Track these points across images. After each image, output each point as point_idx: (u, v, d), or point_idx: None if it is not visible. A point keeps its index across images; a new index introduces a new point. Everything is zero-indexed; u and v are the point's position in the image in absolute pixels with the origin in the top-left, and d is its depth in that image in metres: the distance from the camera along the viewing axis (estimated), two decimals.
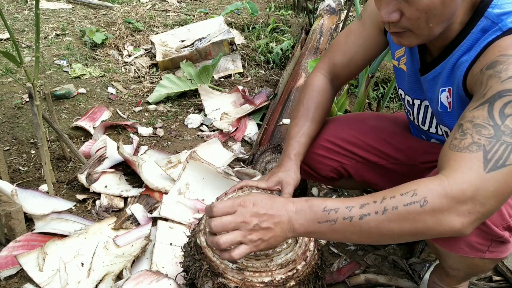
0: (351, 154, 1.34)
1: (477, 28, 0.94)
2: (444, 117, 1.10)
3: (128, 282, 1.21)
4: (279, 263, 1.02)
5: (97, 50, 3.02)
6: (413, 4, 0.88)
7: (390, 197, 0.79)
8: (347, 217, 0.81)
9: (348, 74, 1.32)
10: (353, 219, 0.81)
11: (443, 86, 1.05)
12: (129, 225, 1.56)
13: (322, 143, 1.33)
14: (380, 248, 1.57)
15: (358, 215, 0.81)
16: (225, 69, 2.86)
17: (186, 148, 2.09)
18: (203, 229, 1.09)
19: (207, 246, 1.06)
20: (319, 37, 2.81)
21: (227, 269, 1.01)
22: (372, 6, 1.23)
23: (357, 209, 0.81)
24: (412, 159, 1.31)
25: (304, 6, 3.69)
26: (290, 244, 1.05)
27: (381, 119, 1.43)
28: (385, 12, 0.92)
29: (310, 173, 1.38)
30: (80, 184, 1.75)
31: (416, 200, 0.77)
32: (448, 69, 1.02)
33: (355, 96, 2.48)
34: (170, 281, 1.20)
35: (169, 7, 3.87)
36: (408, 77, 1.20)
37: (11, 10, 3.53)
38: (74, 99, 2.43)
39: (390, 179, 1.35)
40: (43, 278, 1.32)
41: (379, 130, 1.36)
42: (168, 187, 1.70)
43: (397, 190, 0.81)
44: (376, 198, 0.81)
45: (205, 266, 1.03)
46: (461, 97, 1.00)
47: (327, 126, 1.37)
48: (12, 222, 1.43)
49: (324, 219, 0.83)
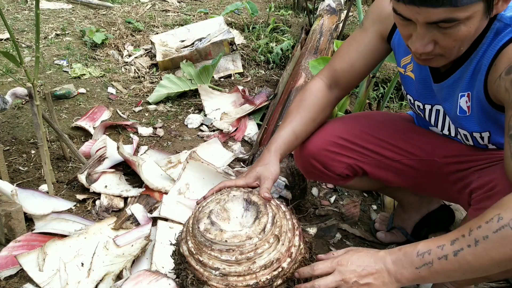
0: (366, 150, 1.32)
1: (491, 32, 0.95)
2: (463, 121, 1.10)
3: (127, 282, 1.21)
4: (262, 264, 1.00)
5: (97, 50, 3.02)
6: (451, 36, 0.90)
7: (477, 227, 0.80)
8: (442, 256, 0.83)
9: (349, 80, 1.30)
10: (448, 257, 0.82)
11: (462, 91, 1.06)
12: (129, 225, 1.56)
13: (334, 140, 1.31)
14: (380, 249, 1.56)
15: (452, 252, 0.82)
16: (225, 69, 2.86)
17: (186, 148, 2.09)
18: (184, 238, 1.08)
19: (189, 255, 1.04)
20: (319, 37, 2.81)
21: (211, 277, 0.99)
22: (374, 13, 1.22)
23: (449, 246, 0.83)
24: (431, 154, 1.27)
25: (304, 6, 3.69)
26: (272, 243, 1.02)
27: (390, 116, 1.43)
28: (420, 45, 0.93)
29: (323, 172, 1.34)
30: (80, 184, 1.75)
31: (504, 224, 0.78)
32: (469, 75, 1.02)
33: (355, 96, 2.48)
34: (169, 281, 1.20)
35: (169, 7, 3.87)
36: (417, 84, 1.20)
37: (11, 10, 3.53)
38: (74, 99, 2.43)
39: (407, 176, 1.32)
40: (43, 278, 1.32)
41: (392, 126, 1.34)
42: (168, 187, 1.70)
43: (481, 219, 0.81)
44: (463, 232, 0.82)
45: (190, 275, 1.02)
46: (481, 101, 1.01)
47: (336, 124, 1.35)
48: (12, 222, 1.43)
49: (420, 264, 0.85)
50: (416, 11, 0.88)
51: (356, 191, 1.91)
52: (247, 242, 1.00)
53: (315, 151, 1.32)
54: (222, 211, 1.09)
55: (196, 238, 1.04)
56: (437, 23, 0.88)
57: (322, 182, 1.88)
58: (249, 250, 1.00)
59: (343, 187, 1.86)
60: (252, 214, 1.08)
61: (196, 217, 1.08)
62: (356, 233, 1.65)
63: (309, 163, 1.34)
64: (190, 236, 1.06)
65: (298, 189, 1.68)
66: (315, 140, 1.32)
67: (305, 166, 1.38)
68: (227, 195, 1.14)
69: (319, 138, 1.32)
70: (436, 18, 0.87)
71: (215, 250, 1.01)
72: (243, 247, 1.00)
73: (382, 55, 1.26)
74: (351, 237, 1.65)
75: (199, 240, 1.03)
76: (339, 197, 1.86)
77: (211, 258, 1.00)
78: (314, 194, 1.85)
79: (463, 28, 0.88)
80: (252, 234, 1.02)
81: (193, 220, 1.09)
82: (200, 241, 1.03)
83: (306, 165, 1.36)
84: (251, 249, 1.00)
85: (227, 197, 1.13)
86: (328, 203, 1.81)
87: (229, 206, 1.11)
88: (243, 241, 1.00)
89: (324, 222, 1.68)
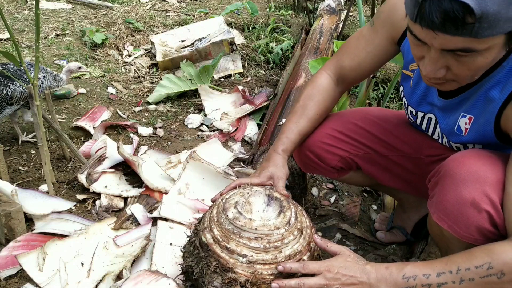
0: (359, 143, 1.33)
1: (508, 62, 0.91)
2: (457, 138, 1.10)
3: (127, 282, 1.21)
4: (287, 254, 1.04)
5: (97, 50, 3.02)
6: (465, 64, 0.86)
7: (465, 269, 0.86)
8: (425, 285, 0.89)
9: (355, 78, 1.31)
10: (431, 287, 0.88)
11: (465, 112, 1.04)
12: (129, 225, 1.56)
13: (329, 132, 1.33)
14: (380, 248, 1.57)
15: (436, 283, 0.88)
16: (225, 69, 2.86)
17: (186, 148, 2.09)
18: (208, 227, 1.10)
19: (214, 242, 1.06)
20: (319, 37, 2.81)
21: (237, 264, 1.02)
22: (386, 14, 1.19)
23: (434, 277, 0.88)
24: (417, 152, 1.29)
25: (304, 6, 3.69)
26: (296, 235, 1.07)
27: (385, 112, 1.43)
28: (432, 70, 0.89)
29: (317, 164, 1.36)
30: (80, 184, 1.75)
31: (492, 273, 0.84)
32: (475, 99, 1.00)
33: (355, 96, 2.48)
34: (169, 281, 1.20)
35: (169, 7, 3.87)
36: (415, 90, 1.19)
37: (11, 10, 3.53)
38: (74, 99, 2.43)
39: (393, 173, 1.34)
40: (43, 278, 1.32)
41: (384, 122, 1.35)
42: (168, 187, 1.70)
43: (470, 261, 0.86)
44: (450, 268, 0.88)
45: (214, 263, 1.03)
46: (485, 132, 0.99)
47: (332, 118, 1.37)
48: (12, 222, 1.43)
49: (404, 286, 0.91)
50: (432, 36, 0.83)
51: (356, 191, 1.91)
52: (275, 232, 1.04)
53: (311, 143, 1.34)
54: (246, 204, 1.12)
55: (223, 226, 1.07)
56: (454, 51, 0.84)
57: (319, 175, 1.88)
58: (276, 240, 1.04)
59: (340, 181, 1.86)
60: (274, 209, 1.12)
61: (222, 206, 1.11)
62: (356, 233, 1.65)
63: (305, 155, 1.36)
64: (215, 225, 1.08)
65: (298, 189, 1.68)
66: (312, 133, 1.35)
67: (301, 157, 1.40)
68: (250, 190, 1.17)
69: (315, 130, 1.35)
70: (453, 46, 0.83)
71: (243, 237, 1.04)
72: (271, 236, 1.04)
73: (390, 56, 1.25)
74: (351, 237, 1.65)
75: (226, 228, 1.06)
76: (339, 197, 1.86)
77: (239, 245, 1.03)
78: (314, 194, 1.85)
79: (479, 58, 0.84)
80: (280, 225, 1.06)
81: (217, 209, 1.12)
82: (228, 229, 1.06)
83: (302, 157, 1.39)
84: (279, 238, 1.04)
85: (250, 191, 1.16)
86: (328, 203, 1.81)
87: (252, 200, 1.14)
88: (271, 230, 1.04)
89: (324, 222, 1.68)
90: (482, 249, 0.88)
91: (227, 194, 1.17)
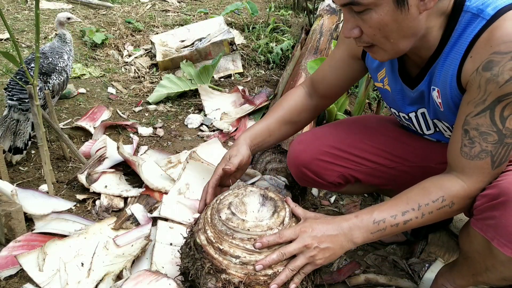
0: (360, 159, 1.32)
1: (459, 24, 0.95)
2: (440, 115, 1.11)
3: (127, 282, 1.21)
4: None
5: (97, 50, 3.02)
6: (366, 22, 0.93)
7: (425, 205, 1.00)
8: (394, 224, 1.01)
9: (325, 91, 1.34)
10: (399, 225, 1.01)
11: (434, 85, 1.06)
12: (129, 225, 1.56)
13: (326, 149, 1.31)
14: (380, 248, 1.57)
15: (403, 221, 1.01)
16: (225, 69, 2.86)
17: (186, 148, 2.09)
18: (202, 228, 1.10)
19: (207, 244, 1.06)
20: (319, 37, 2.81)
21: (230, 265, 1.02)
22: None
23: (400, 216, 1.00)
24: (426, 160, 1.28)
25: (304, 6, 3.69)
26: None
27: (384, 120, 1.42)
28: (346, 29, 0.98)
29: (316, 181, 1.36)
30: (80, 184, 1.75)
31: (445, 204, 1.00)
32: (439, 72, 1.02)
33: (355, 96, 2.48)
34: (169, 281, 1.20)
35: (169, 7, 3.87)
36: (394, 96, 1.20)
37: (11, 10, 3.53)
38: (74, 99, 2.43)
39: (401, 181, 1.31)
40: (43, 278, 1.32)
41: (386, 132, 1.34)
42: (168, 187, 1.70)
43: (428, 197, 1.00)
44: (412, 206, 1.00)
45: (208, 264, 1.03)
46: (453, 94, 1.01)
47: (328, 132, 1.35)
48: (12, 222, 1.43)
49: (375, 230, 1.01)
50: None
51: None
52: (268, 232, 1.04)
53: (307, 161, 1.33)
54: (240, 204, 1.12)
55: (216, 228, 1.06)
56: (346, 5, 0.93)
57: (316, 188, 1.87)
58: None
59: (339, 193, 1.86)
60: (269, 209, 1.12)
61: (216, 208, 1.11)
62: None
63: (301, 172, 1.36)
64: (209, 226, 1.08)
65: (298, 189, 1.68)
66: (307, 149, 1.33)
67: (297, 174, 1.39)
68: (245, 190, 1.17)
69: (311, 147, 1.33)
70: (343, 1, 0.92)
71: (236, 238, 1.03)
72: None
73: (356, 72, 1.28)
74: None
75: (219, 229, 1.06)
76: (339, 197, 1.86)
77: (232, 246, 1.03)
78: (314, 194, 1.85)
79: (374, 15, 0.91)
80: (273, 225, 1.06)
81: (211, 211, 1.11)
82: (221, 230, 1.05)
83: (298, 173, 1.38)
84: None
85: (245, 191, 1.16)
86: (328, 203, 1.81)
87: (247, 200, 1.14)
88: (264, 231, 1.04)
89: None
90: (434, 184, 1.01)
91: (221, 195, 1.17)
